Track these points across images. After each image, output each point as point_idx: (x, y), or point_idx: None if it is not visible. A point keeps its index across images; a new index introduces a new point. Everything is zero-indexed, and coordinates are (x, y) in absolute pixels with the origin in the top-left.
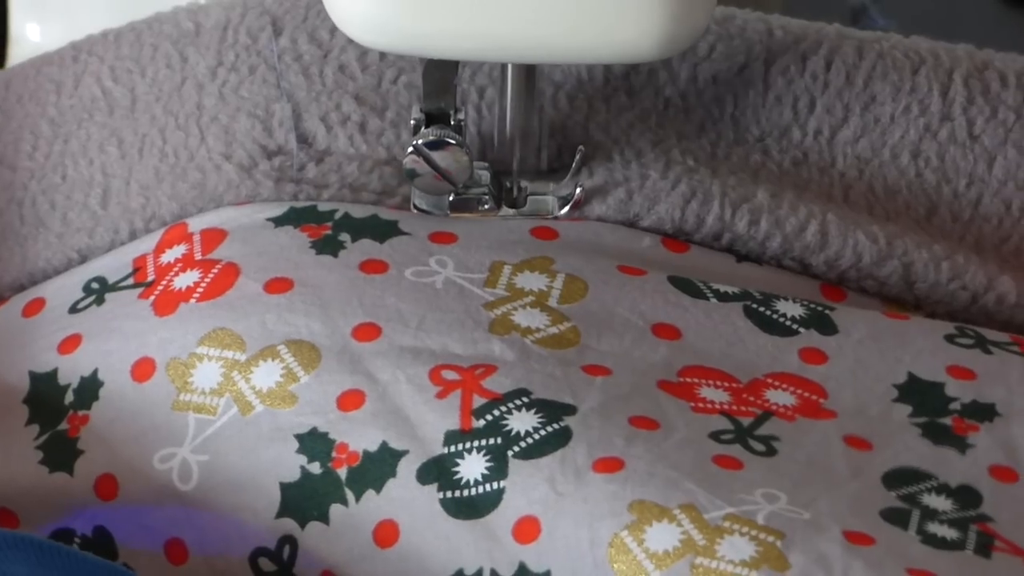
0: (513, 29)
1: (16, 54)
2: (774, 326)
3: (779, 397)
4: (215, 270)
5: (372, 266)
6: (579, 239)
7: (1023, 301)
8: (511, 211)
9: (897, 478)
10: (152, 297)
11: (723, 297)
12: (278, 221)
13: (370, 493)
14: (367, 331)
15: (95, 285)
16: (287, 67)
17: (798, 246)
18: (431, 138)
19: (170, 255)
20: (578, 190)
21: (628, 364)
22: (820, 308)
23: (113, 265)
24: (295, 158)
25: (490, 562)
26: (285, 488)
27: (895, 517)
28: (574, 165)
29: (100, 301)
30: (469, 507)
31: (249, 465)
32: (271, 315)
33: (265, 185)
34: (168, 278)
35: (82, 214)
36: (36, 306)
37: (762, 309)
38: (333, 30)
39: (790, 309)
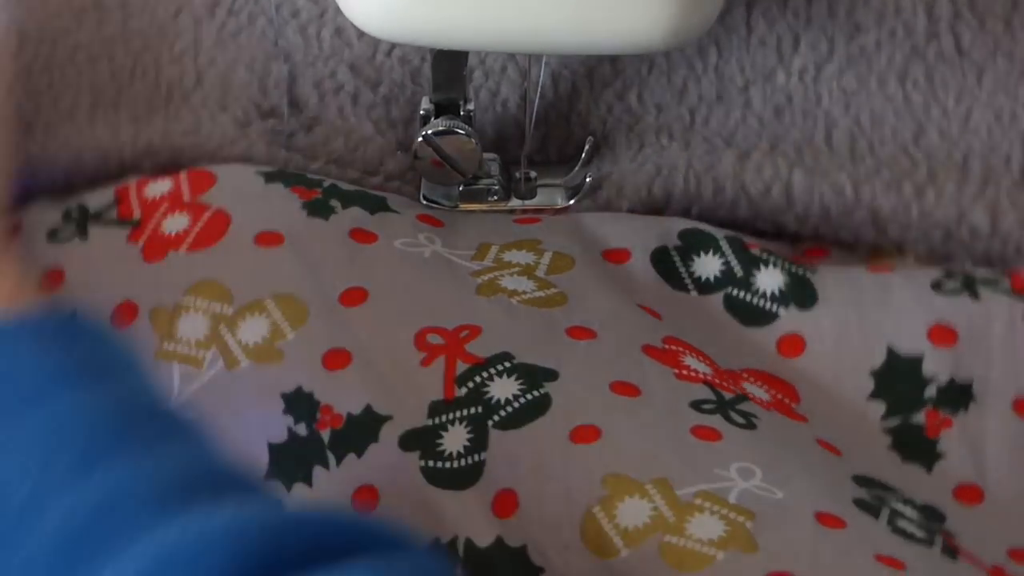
0: (522, 20)
1: None
2: (754, 315)
3: (755, 390)
4: (206, 216)
5: (362, 235)
6: (560, 223)
7: (999, 229)
8: (520, 202)
9: (866, 481)
10: (141, 242)
11: (704, 288)
12: (269, 177)
13: (351, 457)
14: (355, 295)
15: (75, 213)
16: (285, 22)
17: (766, 208)
18: (440, 128)
19: (155, 189)
20: (587, 180)
21: (614, 325)
22: (801, 272)
23: (92, 190)
24: (286, 123)
25: (466, 532)
26: (273, 449)
27: (867, 507)
28: (583, 156)
29: (83, 234)
30: (450, 478)
31: (239, 422)
32: (260, 268)
33: (258, 146)
34: (156, 219)
35: (69, 128)
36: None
37: (742, 295)
38: None
39: (770, 282)
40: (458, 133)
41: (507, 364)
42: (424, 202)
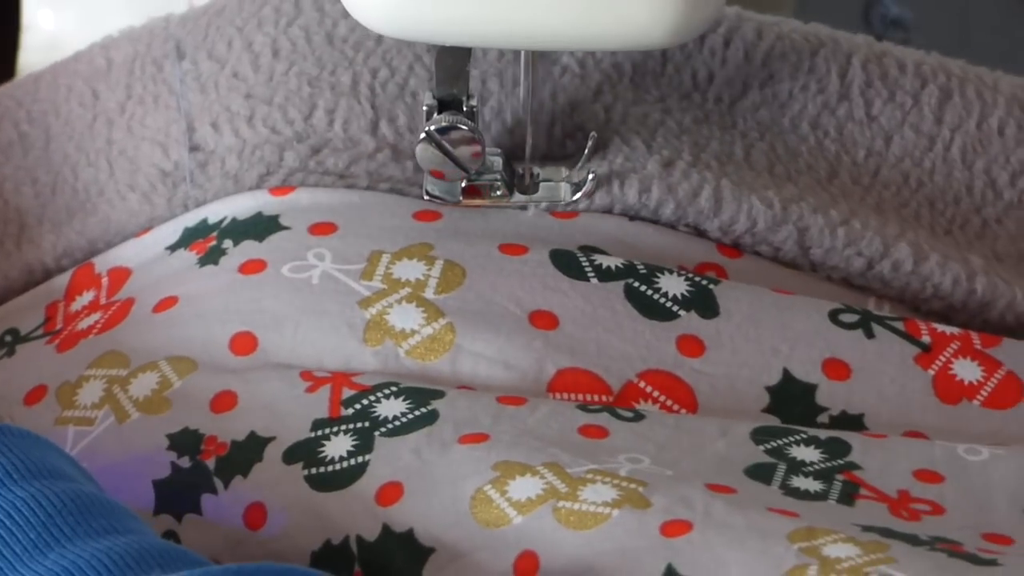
0: (526, 16)
1: (30, 41)
2: (654, 309)
3: (648, 410)
4: (113, 308)
5: (250, 266)
6: (463, 218)
7: (920, 268)
8: (523, 197)
9: (766, 431)
10: (57, 341)
11: (605, 275)
12: (173, 247)
13: (238, 479)
14: (243, 342)
15: (8, 338)
16: (188, 88)
17: (692, 212)
18: (443, 124)
19: (80, 302)
20: (590, 176)
21: (504, 356)
22: (704, 283)
23: (27, 314)
24: (187, 169)
25: (355, 529)
26: (158, 485)
27: (759, 474)
28: (586, 151)
29: (11, 353)
30: (333, 480)
31: (123, 469)
32: (155, 332)
33: (160, 206)
34: (75, 324)
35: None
36: None
37: (644, 288)
38: (231, 42)
39: (673, 286)
40: (461, 129)
41: (394, 388)
42: (427, 198)
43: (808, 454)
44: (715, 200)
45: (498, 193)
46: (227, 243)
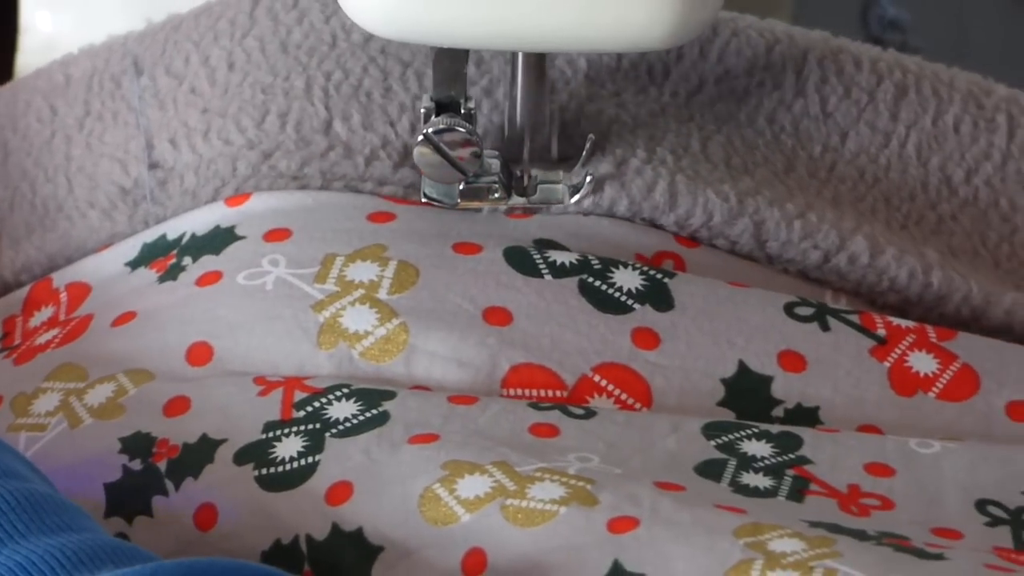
0: (523, 18)
1: (27, 43)
2: (609, 303)
3: (602, 404)
4: (72, 324)
5: (207, 279)
6: (417, 218)
7: (876, 261)
8: (521, 199)
9: (718, 426)
10: (15, 356)
11: (559, 272)
12: (134, 264)
13: (189, 480)
14: (199, 352)
15: None
16: (147, 104)
17: (647, 207)
18: (441, 126)
19: (38, 318)
20: (587, 178)
21: (457, 355)
22: (659, 276)
23: None
24: (147, 187)
25: (305, 528)
26: (108, 488)
27: (709, 471)
28: (584, 153)
29: None
30: (283, 480)
31: (74, 471)
32: (112, 346)
33: (120, 223)
34: (33, 339)
35: None
36: None
37: (598, 283)
38: (188, 58)
39: (627, 280)
40: (459, 131)
41: (346, 390)
42: (424, 200)
43: (759, 448)
44: (670, 195)
45: (496, 195)
46: (187, 260)
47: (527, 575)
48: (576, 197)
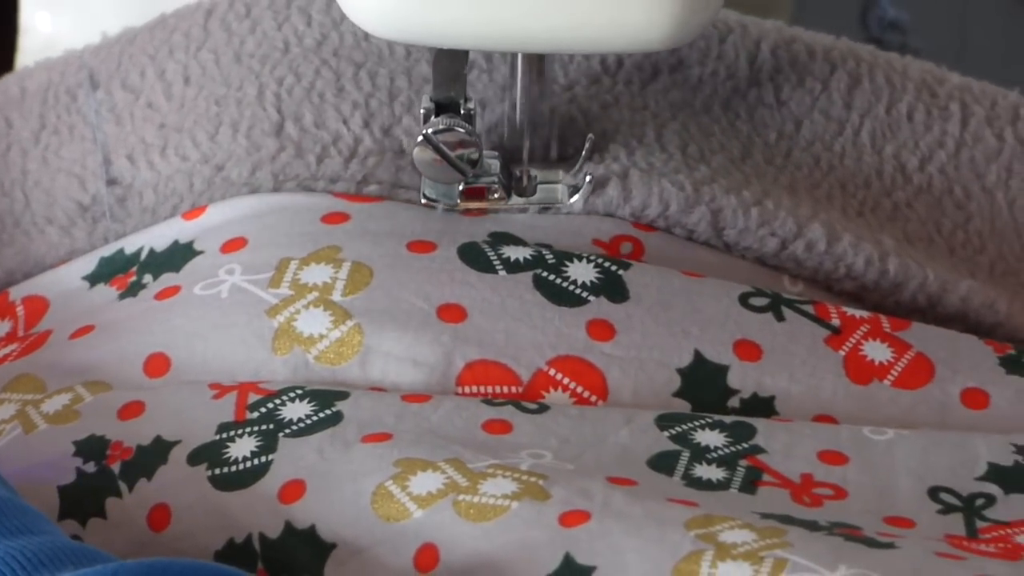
0: (523, 19)
1: (27, 44)
2: (563, 296)
3: (557, 398)
4: (30, 340)
5: (166, 293)
6: (371, 218)
7: (833, 248)
8: (520, 199)
9: (671, 417)
10: None
11: (513, 267)
12: (92, 279)
13: (142, 481)
14: (157, 363)
15: None
16: (103, 119)
17: (600, 203)
18: (440, 127)
19: None
20: (587, 178)
21: (411, 354)
22: (614, 269)
23: None
24: (105, 204)
25: (258, 527)
26: (62, 491)
27: (661, 464)
28: (584, 153)
29: None
30: (236, 480)
31: (28, 475)
32: (71, 358)
33: (80, 239)
34: None
35: None
36: None
37: (552, 277)
38: (143, 72)
39: (582, 274)
40: (458, 131)
41: (299, 391)
42: (424, 201)
43: (713, 438)
44: (623, 189)
45: (496, 196)
46: (147, 278)
47: (479, 570)
48: (576, 197)
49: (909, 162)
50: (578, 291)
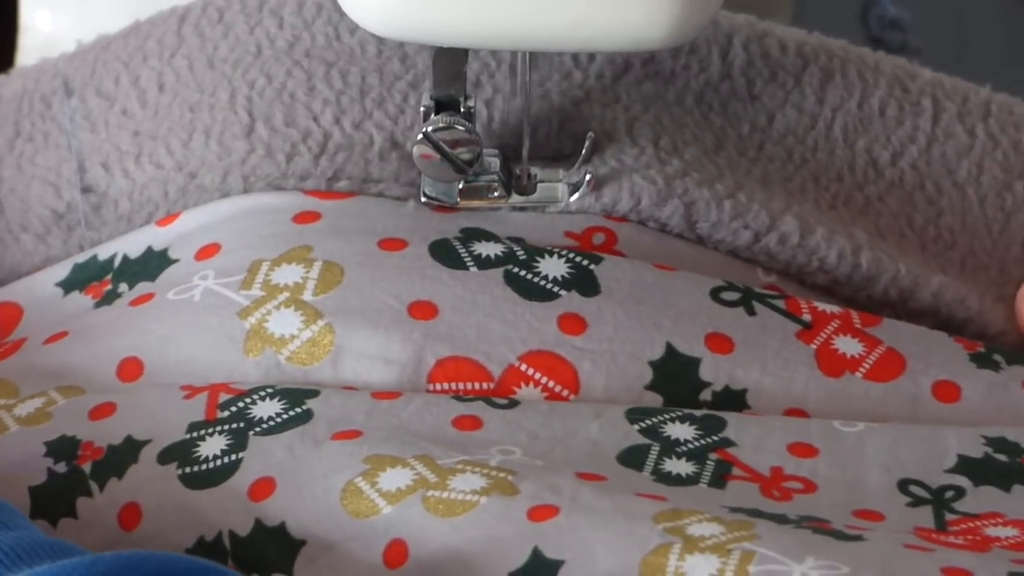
0: (523, 18)
1: (27, 43)
2: (534, 291)
3: (529, 393)
4: (5, 348)
5: (140, 300)
6: (343, 216)
7: (806, 241)
8: (520, 198)
9: (641, 411)
10: None
11: (484, 263)
12: (66, 285)
13: (113, 481)
14: (130, 368)
15: None
16: (78, 126)
17: (573, 203)
18: (440, 125)
19: None
20: (587, 177)
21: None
22: (585, 263)
23: None
24: (81, 212)
25: (228, 524)
26: (33, 491)
27: (631, 459)
28: (584, 152)
29: None
30: (206, 478)
31: None
32: (45, 363)
33: (55, 247)
34: None
35: None
36: None
37: (523, 273)
38: (118, 79)
39: (552, 269)
40: (458, 129)
41: (270, 390)
42: (424, 200)
43: (683, 431)
44: (595, 184)
45: (496, 194)
46: (122, 287)
47: (448, 564)
48: (576, 195)
49: (881, 156)
50: (549, 286)
